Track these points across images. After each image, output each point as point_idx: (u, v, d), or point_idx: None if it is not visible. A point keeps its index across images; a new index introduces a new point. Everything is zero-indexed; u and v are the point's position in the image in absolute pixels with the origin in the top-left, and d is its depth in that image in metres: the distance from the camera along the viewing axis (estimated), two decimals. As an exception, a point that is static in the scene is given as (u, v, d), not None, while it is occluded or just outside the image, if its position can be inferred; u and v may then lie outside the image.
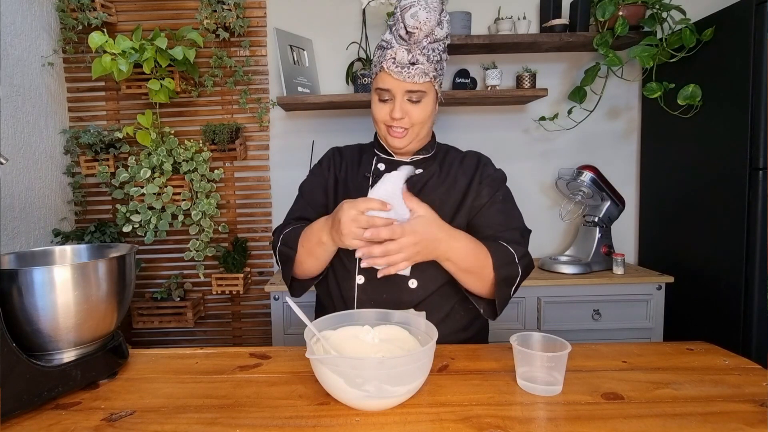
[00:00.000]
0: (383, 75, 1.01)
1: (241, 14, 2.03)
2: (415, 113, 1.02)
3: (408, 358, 0.72)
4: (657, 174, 2.12)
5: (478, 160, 1.15)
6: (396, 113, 1.01)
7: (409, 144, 1.07)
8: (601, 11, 1.89)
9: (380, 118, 1.05)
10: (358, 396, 0.71)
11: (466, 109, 2.24)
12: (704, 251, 1.84)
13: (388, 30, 1.02)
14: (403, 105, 1.01)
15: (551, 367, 0.78)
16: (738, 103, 1.65)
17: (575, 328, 1.89)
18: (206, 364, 0.93)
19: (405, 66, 0.98)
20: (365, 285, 1.04)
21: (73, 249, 0.99)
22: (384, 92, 1.02)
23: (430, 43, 0.98)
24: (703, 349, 0.96)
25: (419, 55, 0.98)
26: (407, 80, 0.98)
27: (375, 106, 1.06)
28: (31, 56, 1.92)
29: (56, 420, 0.72)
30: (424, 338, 0.84)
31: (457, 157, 1.16)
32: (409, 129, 1.04)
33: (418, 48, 0.97)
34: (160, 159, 1.98)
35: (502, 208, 1.08)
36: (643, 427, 0.68)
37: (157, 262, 2.24)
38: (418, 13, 0.95)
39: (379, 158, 1.15)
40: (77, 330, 0.80)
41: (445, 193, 1.09)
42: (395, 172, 0.97)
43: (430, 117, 1.05)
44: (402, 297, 1.03)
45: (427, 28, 0.95)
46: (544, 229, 2.30)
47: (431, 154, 1.14)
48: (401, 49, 0.97)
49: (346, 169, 1.17)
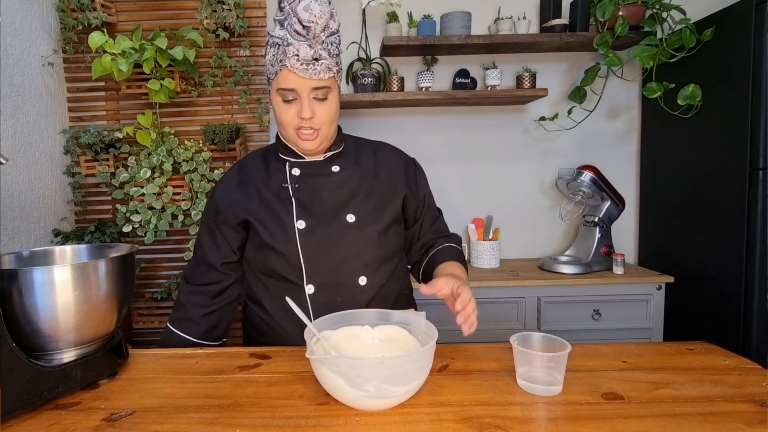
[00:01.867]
0: (286, 73, 0.96)
1: (241, 14, 2.03)
2: (323, 112, 1.00)
3: (408, 358, 0.72)
4: (657, 174, 2.12)
5: (394, 154, 1.18)
6: (305, 113, 0.97)
7: (320, 144, 1.05)
8: (601, 11, 1.89)
9: (288, 120, 1.00)
10: (358, 396, 0.71)
11: (466, 109, 2.24)
12: (704, 251, 1.84)
13: (278, 26, 0.98)
14: (310, 104, 0.98)
15: (551, 367, 0.78)
16: (738, 103, 1.65)
17: (575, 328, 1.89)
18: (206, 364, 0.93)
19: (309, 62, 0.95)
20: (317, 293, 1.03)
21: (73, 249, 0.99)
22: (288, 92, 0.98)
23: (328, 36, 0.96)
24: (703, 349, 0.96)
25: (321, 50, 0.95)
26: (313, 77, 0.95)
27: (279, 108, 1.01)
28: (31, 56, 1.92)
29: (56, 420, 0.72)
30: (424, 338, 0.84)
31: (369, 148, 1.16)
32: (318, 129, 1.01)
33: (318, 42, 0.95)
34: (160, 159, 1.98)
35: (431, 202, 1.20)
36: (643, 427, 0.68)
37: (157, 262, 2.24)
38: (311, 5, 0.92)
39: (292, 164, 1.09)
40: (77, 330, 0.80)
41: (370, 187, 1.09)
42: None
43: (336, 114, 1.03)
44: (355, 296, 1.04)
45: (323, 20, 0.93)
46: (544, 229, 2.31)
47: (342, 148, 1.13)
48: (303, 45, 0.94)
49: (256, 186, 1.09)
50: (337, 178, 1.09)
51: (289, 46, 0.95)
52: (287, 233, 1.03)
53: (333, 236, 1.03)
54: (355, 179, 1.09)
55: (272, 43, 0.99)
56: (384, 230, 1.07)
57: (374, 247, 1.05)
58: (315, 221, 1.04)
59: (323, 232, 1.03)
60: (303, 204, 1.06)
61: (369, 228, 1.05)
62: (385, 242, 1.08)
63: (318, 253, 1.03)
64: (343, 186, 1.08)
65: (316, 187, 1.08)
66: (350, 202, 1.07)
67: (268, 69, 1.02)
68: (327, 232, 1.03)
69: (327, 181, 1.08)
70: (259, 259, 1.07)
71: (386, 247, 1.08)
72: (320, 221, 1.04)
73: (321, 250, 1.03)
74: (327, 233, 1.03)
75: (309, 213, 1.05)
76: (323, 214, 1.05)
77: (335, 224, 1.04)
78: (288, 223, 1.03)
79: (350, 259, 1.04)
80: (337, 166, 1.10)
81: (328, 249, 1.03)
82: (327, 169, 1.09)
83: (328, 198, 1.07)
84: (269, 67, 1.01)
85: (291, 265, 1.03)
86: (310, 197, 1.07)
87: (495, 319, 1.89)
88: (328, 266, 1.03)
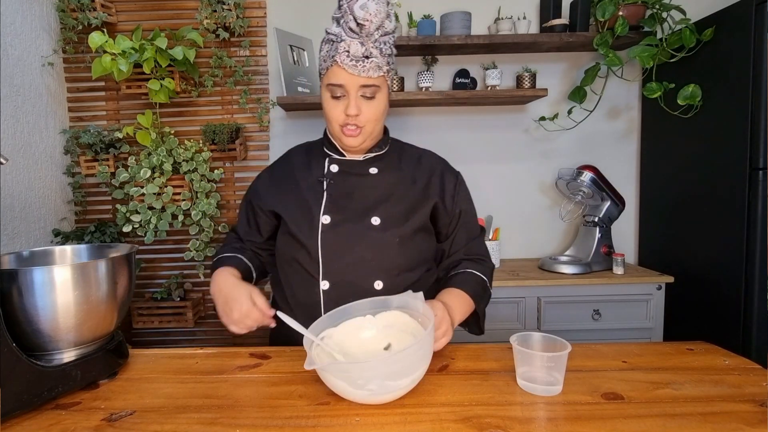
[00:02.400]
0: (336, 69, 0.97)
1: (241, 14, 2.03)
2: (370, 110, 1.00)
3: (408, 351, 0.71)
4: (657, 174, 2.12)
5: (436, 162, 1.16)
6: (351, 110, 0.98)
7: (363, 143, 1.05)
8: (601, 11, 1.89)
9: (334, 116, 1.02)
10: (364, 395, 0.72)
11: (466, 109, 2.24)
12: (704, 251, 1.84)
13: (335, 23, 0.99)
14: (357, 101, 0.99)
15: (551, 367, 0.78)
16: (738, 103, 1.65)
17: (575, 328, 1.89)
18: (206, 364, 0.93)
19: (359, 59, 0.95)
20: (330, 290, 1.02)
21: (73, 249, 0.99)
22: (337, 88, 0.99)
23: (381, 36, 0.97)
24: (703, 349, 0.96)
25: (372, 48, 0.95)
26: (362, 74, 0.96)
27: (327, 104, 1.02)
28: (31, 56, 1.92)
29: (56, 420, 0.72)
30: (424, 321, 0.84)
31: (413, 156, 1.16)
32: (362, 127, 1.01)
33: (370, 41, 0.95)
34: (160, 159, 1.98)
35: (470, 219, 1.15)
36: (643, 427, 0.68)
37: (157, 262, 2.24)
38: (367, 3, 0.92)
39: (332, 159, 1.12)
40: (77, 330, 0.80)
41: (404, 193, 1.08)
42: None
43: (383, 114, 1.04)
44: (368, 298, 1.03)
45: (378, 20, 0.93)
46: (544, 229, 2.30)
47: (384, 151, 1.13)
48: (354, 42, 0.95)
49: (294, 177, 1.14)
50: (373, 179, 1.09)
51: (341, 43, 0.96)
52: (312, 226, 1.04)
53: (354, 236, 1.03)
54: (391, 183, 1.09)
55: (327, 39, 1.00)
56: (407, 237, 1.05)
57: (395, 253, 1.04)
58: (340, 218, 1.04)
59: (345, 230, 1.03)
60: (334, 200, 1.06)
61: (391, 232, 1.03)
62: (407, 250, 1.05)
63: (337, 251, 1.03)
64: (376, 188, 1.08)
65: (351, 185, 1.08)
66: (379, 205, 1.06)
67: (320, 65, 1.03)
68: (349, 231, 1.03)
69: (362, 181, 1.09)
70: (285, 247, 1.10)
71: (409, 255, 1.06)
72: (345, 219, 1.04)
73: (340, 248, 1.03)
74: (349, 232, 1.03)
75: (337, 209, 1.05)
76: (350, 212, 1.05)
77: (359, 224, 1.04)
78: (315, 215, 1.05)
79: (368, 261, 1.02)
80: (376, 168, 1.10)
81: (348, 248, 1.03)
82: (365, 170, 1.10)
83: (359, 198, 1.07)
84: (321, 63, 1.03)
85: (311, 258, 1.04)
86: (342, 194, 1.07)
87: (495, 319, 1.89)
88: (345, 265, 1.03)
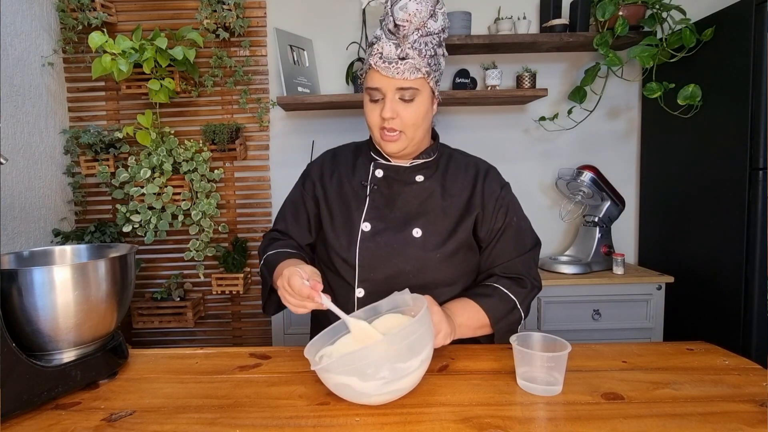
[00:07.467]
0: (371, 72, 0.95)
1: (241, 14, 2.03)
2: (407, 114, 0.95)
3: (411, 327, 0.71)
4: (657, 174, 2.12)
5: (485, 171, 1.09)
6: (386, 112, 0.94)
7: (404, 149, 1.00)
8: (601, 11, 1.89)
9: (372, 120, 0.98)
10: (377, 386, 0.70)
11: (466, 109, 2.24)
12: (704, 251, 1.84)
13: (379, 25, 0.97)
14: (393, 104, 0.94)
15: (551, 367, 0.78)
16: (738, 103, 1.65)
17: (575, 328, 1.89)
18: (206, 364, 0.93)
19: (393, 61, 0.92)
20: (365, 298, 0.99)
21: (73, 249, 0.99)
22: (374, 91, 0.95)
23: (422, 36, 0.92)
24: (703, 349, 0.96)
25: (409, 49, 0.91)
26: (396, 76, 0.92)
27: (366, 108, 0.99)
28: (31, 56, 1.92)
29: (56, 420, 0.72)
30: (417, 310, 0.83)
31: (461, 165, 1.09)
32: (401, 132, 0.97)
33: (407, 42, 0.91)
34: (160, 159, 1.98)
35: (514, 234, 1.05)
36: (643, 427, 0.68)
37: (157, 262, 2.24)
38: (408, 4, 0.89)
39: (377, 164, 1.07)
40: (77, 330, 0.80)
41: (446, 206, 1.03)
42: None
43: (424, 118, 0.98)
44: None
45: (417, 20, 0.90)
46: (544, 229, 2.30)
47: (432, 158, 1.07)
48: (389, 44, 0.92)
49: (340, 176, 1.10)
50: (418, 187, 1.04)
51: (377, 44, 0.94)
52: (351, 232, 1.01)
53: (394, 246, 0.99)
54: (436, 194, 1.04)
55: (369, 42, 0.98)
56: (449, 255, 1.00)
57: (435, 269, 0.99)
58: (381, 227, 1.01)
59: (385, 240, 0.99)
60: (376, 206, 1.03)
61: (433, 249, 0.99)
62: (448, 266, 1.01)
63: (375, 259, 0.99)
64: (420, 197, 1.03)
65: (394, 192, 1.04)
66: (422, 216, 1.01)
67: (363, 67, 1.01)
68: (389, 241, 0.99)
69: (406, 189, 1.04)
70: (324, 250, 1.07)
71: (449, 272, 1.01)
72: (386, 228, 1.00)
73: (379, 257, 0.99)
74: (389, 242, 0.99)
75: (378, 217, 1.02)
76: (392, 221, 1.01)
77: (400, 235, 1.00)
78: (355, 221, 1.02)
79: (407, 273, 0.99)
80: (422, 176, 1.05)
81: (386, 258, 0.99)
82: (410, 177, 1.05)
83: (402, 206, 1.03)
84: (363, 66, 1.00)
85: (348, 265, 1.01)
86: (385, 201, 1.03)
87: (495, 319, 1.89)
88: (382, 275, 0.99)
